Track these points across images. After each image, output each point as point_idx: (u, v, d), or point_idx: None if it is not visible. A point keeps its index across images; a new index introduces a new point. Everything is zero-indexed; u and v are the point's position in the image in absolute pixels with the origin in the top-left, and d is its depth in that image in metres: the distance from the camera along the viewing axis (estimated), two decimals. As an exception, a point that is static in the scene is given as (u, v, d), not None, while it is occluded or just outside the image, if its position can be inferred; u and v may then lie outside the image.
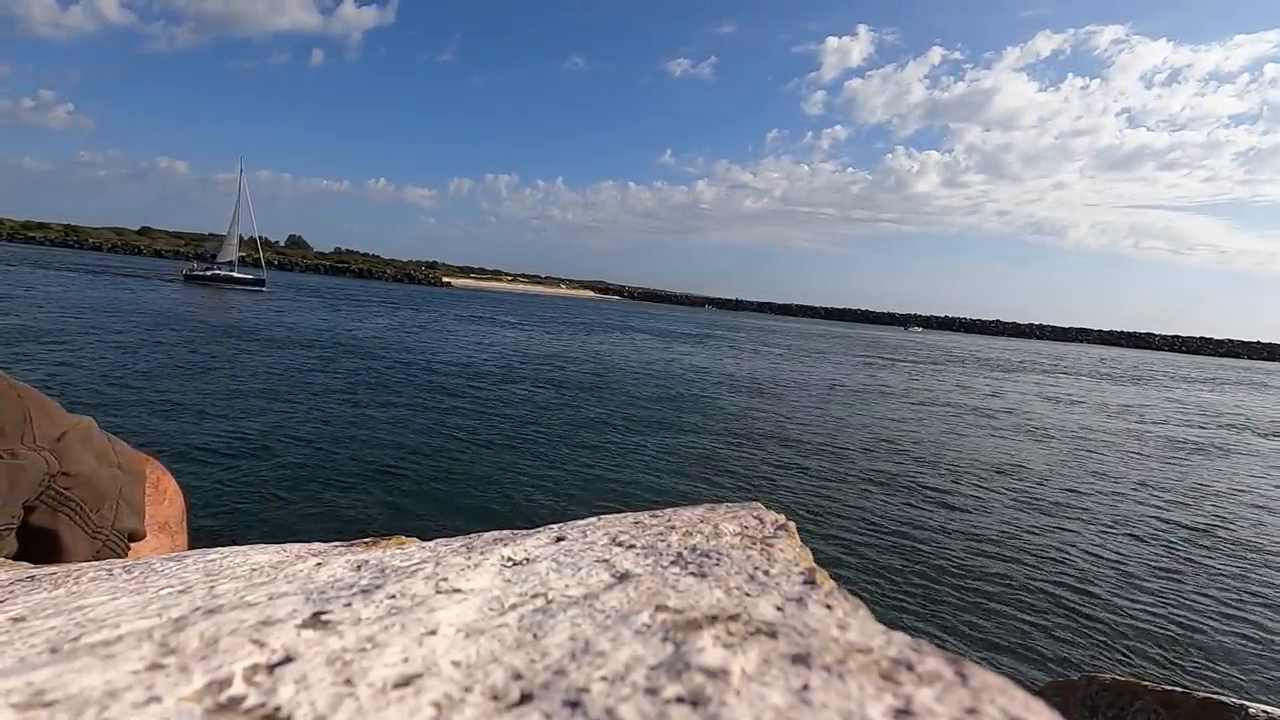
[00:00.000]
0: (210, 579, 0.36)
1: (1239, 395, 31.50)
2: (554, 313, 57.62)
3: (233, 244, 50.86)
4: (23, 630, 0.29)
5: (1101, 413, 19.52)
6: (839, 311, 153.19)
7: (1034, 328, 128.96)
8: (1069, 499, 9.09)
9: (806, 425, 12.90)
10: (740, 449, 10.36)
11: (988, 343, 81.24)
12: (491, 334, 28.78)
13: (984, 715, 0.19)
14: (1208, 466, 12.47)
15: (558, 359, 20.82)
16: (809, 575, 0.30)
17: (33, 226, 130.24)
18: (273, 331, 20.73)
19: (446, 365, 16.95)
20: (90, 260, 70.61)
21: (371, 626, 0.26)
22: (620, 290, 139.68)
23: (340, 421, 9.65)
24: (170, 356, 13.84)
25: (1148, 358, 77.72)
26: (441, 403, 11.82)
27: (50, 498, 0.62)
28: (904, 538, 6.87)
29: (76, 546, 0.63)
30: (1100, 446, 13.61)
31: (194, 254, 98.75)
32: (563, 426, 10.72)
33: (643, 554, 0.35)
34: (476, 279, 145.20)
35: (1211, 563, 6.98)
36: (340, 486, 6.93)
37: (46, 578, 0.41)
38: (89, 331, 16.14)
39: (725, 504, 0.43)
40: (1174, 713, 1.01)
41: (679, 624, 0.25)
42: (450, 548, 0.39)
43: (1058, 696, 1.20)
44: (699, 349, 30.82)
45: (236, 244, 51.13)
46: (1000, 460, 11.24)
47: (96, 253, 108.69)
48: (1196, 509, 9.17)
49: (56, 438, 0.64)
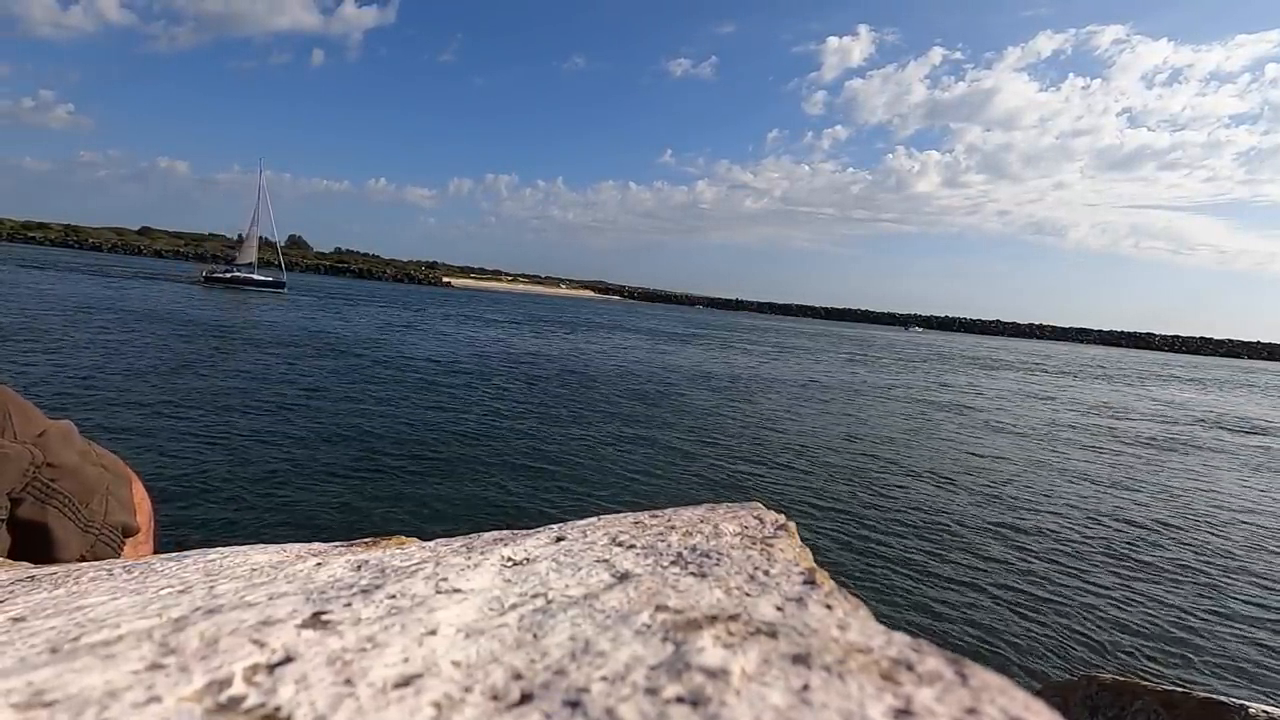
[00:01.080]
0: (210, 579, 0.36)
1: (1238, 395, 31.51)
2: (553, 313, 57.64)
3: (252, 245, 50.07)
4: (23, 630, 0.29)
5: (1102, 414, 19.52)
6: (839, 311, 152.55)
7: (1034, 328, 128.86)
8: (1069, 499, 9.09)
9: (797, 423, 12.91)
10: (737, 447, 10.37)
11: (987, 343, 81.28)
12: (490, 334, 28.78)
13: (984, 715, 0.19)
14: (1207, 468, 12.47)
15: (554, 358, 20.83)
16: (809, 575, 0.30)
17: (33, 226, 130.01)
18: (292, 334, 20.72)
19: (445, 365, 16.96)
20: (103, 262, 70.03)
21: (371, 626, 0.26)
22: (620, 290, 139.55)
23: (340, 422, 9.66)
24: (191, 360, 13.83)
25: (1146, 357, 77.75)
26: (441, 403, 11.83)
27: (37, 489, 0.61)
28: (903, 537, 6.87)
29: (69, 541, 0.62)
30: (1100, 448, 13.61)
31: (207, 255, 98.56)
32: (561, 426, 10.72)
33: (643, 554, 0.35)
34: (477, 279, 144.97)
35: (1212, 563, 6.98)
36: (340, 486, 6.93)
37: (46, 577, 0.41)
38: (109, 334, 16.07)
39: (725, 504, 0.43)
40: (1174, 713, 1.01)
41: (679, 624, 0.25)
42: (450, 548, 0.39)
43: (1058, 696, 1.20)
44: (688, 348, 30.84)
45: (256, 245, 50.40)
46: (999, 460, 11.24)
47: (98, 253, 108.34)
48: (1196, 510, 9.17)
49: (37, 435, 0.64)
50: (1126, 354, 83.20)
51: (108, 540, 0.67)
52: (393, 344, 20.69)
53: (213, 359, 14.22)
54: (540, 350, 23.28)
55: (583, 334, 34.17)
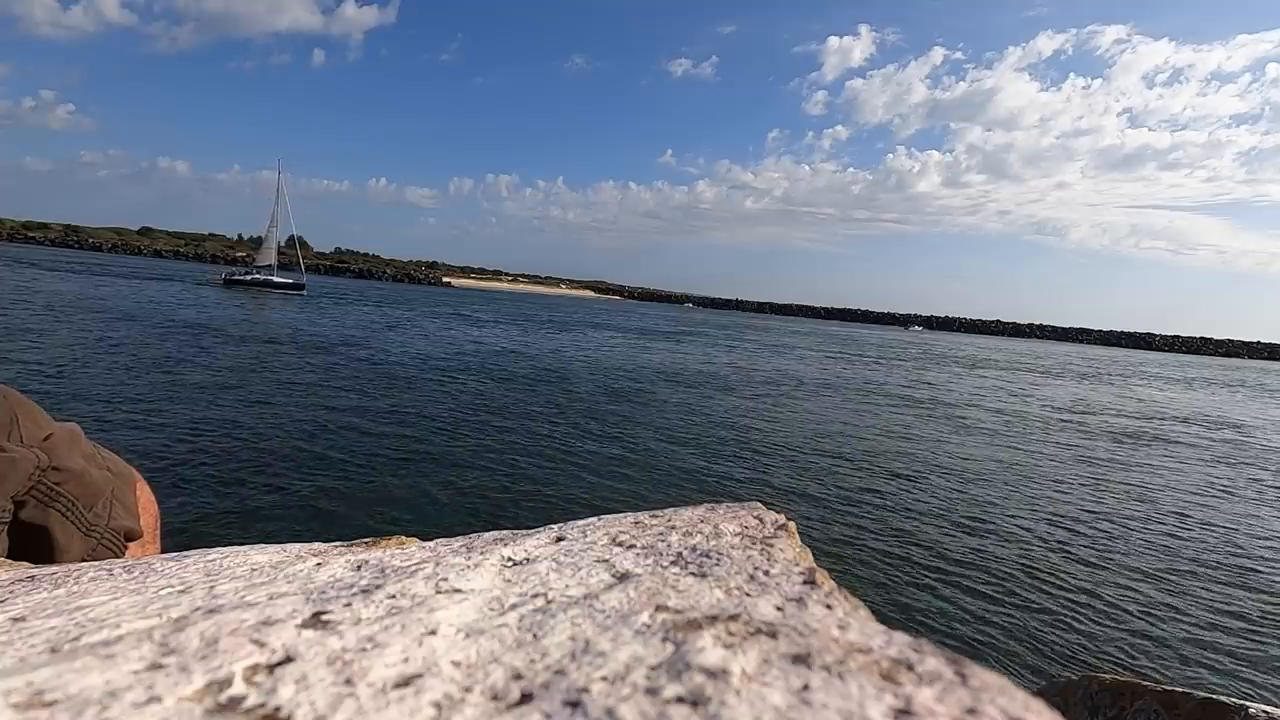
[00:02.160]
0: (210, 579, 0.36)
1: (1235, 397, 31.50)
2: (552, 313, 57.62)
3: (271, 247, 49.82)
4: (23, 630, 0.29)
5: (1104, 414, 19.52)
6: (839, 311, 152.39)
7: (1034, 328, 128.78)
8: (1068, 499, 9.09)
9: (796, 423, 12.91)
10: (736, 447, 10.37)
11: (989, 343, 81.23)
12: (490, 334, 28.79)
13: (984, 715, 0.19)
14: (1212, 470, 12.47)
15: (554, 358, 20.83)
16: (809, 575, 0.30)
17: (33, 226, 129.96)
18: (310, 335, 20.75)
19: (445, 365, 16.96)
20: (120, 265, 69.20)
21: (371, 626, 0.26)
22: (620, 290, 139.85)
23: (340, 421, 9.66)
24: (207, 363, 13.82)
25: (1148, 358, 77.69)
26: (441, 403, 11.83)
27: (41, 493, 0.61)
28: (904, 537, 6.87)
29: (70, 544, 0.62)
30: (1100, 448, 13.61)
31: (206, 255, 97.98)
32: (560, 426, 10.72)
33: (643, 554, 0.35)
34: (476, 279, 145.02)
35: (1212, 563, 6.98)
36: (341, 486, 6.93)
37: (47, 577, 0.41)
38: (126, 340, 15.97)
39: (725, 504, 0.43)
40: (1174, 713, 1.01)
41: (679, 624, 0.25)
42: (450, 548, 0.39)
43: (1058, 696, 1.20)
44: (689, 348, 30.86)
45: (275, 247, 50.13)
46: (999, 460, 11.24)
47: (98, 253, 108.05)
48: (1197, 510, 9.17)
49: (43, 438, 0.64)
50: (1130, 354, 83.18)
51: (110, 544, 0.67)
52: (396, 343, 20.71)
53: (228, 360, 14.20)
54: (540, 350, 23.29)
55: (583, 334, 34.19)
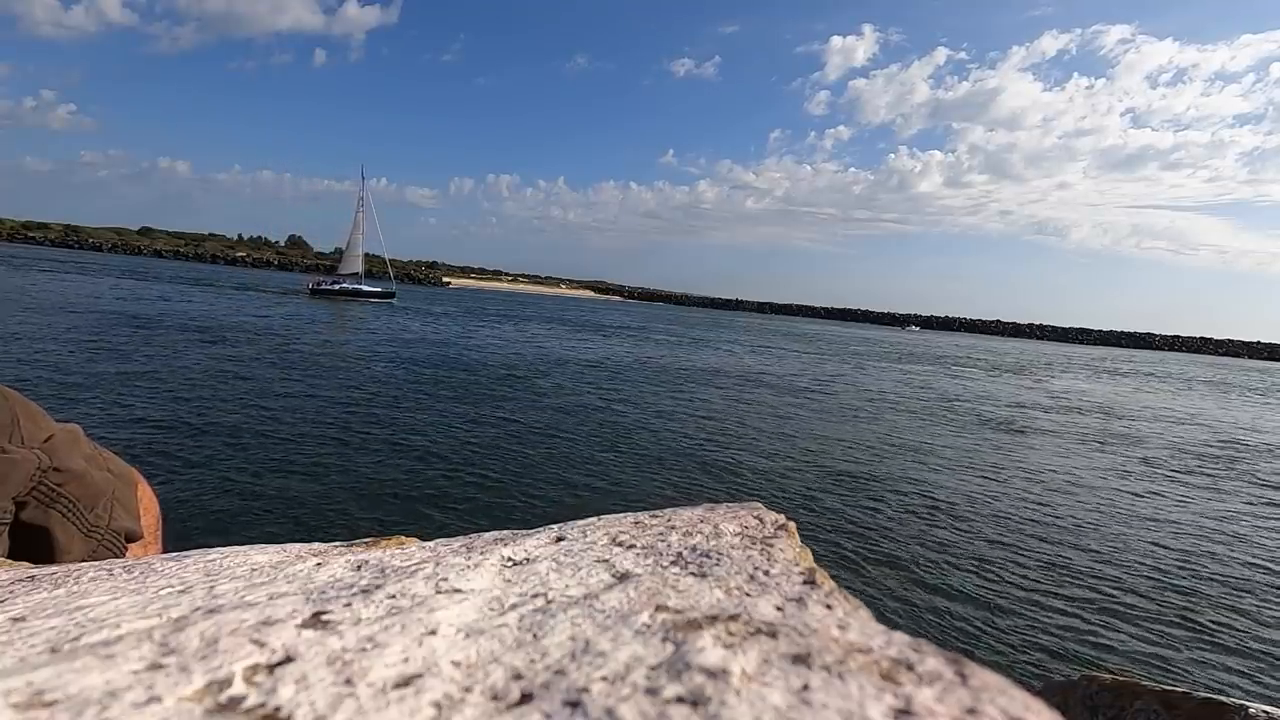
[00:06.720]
0: (210, 579, 0.36)
1: (1234, 397, 31.49)
2: (551, 313, 57.55)
3: (357, 255, 50.12)
4: (23, 630, 0.29)
5: (1107, 415, 19.52)
6: (839, 311, 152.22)
7: (1034, 328, 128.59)
8: (1067, 498, 9.09)
9: (794, 423, 12.91)
10: (737, 446, 10.37)
11: (987, 343, 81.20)
12: (490, 334, 28.78)
13: (984, 715, 0.19)
14: (1205, 469, 12.47)
15: (552, 358, 20.83)
16: (809, 575, 0.30)
17: (33, 226, 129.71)
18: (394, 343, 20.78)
19: (441, 363, 16.97)
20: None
21: (371, 626, 0.26)
22: (620, 290, 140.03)
23: (340, 421, 9.66)
24: (206, 362, 13.84)
25: (1150, 357, 77.68)
26: (440, 402, 11.83)
27: (42, 493, 0.61)
28: (903, 537, 6.87)
29: (71, 545, 0.62)
30: (1100, 449, 13.61)
31: (206, 255, 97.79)
32: (559, 426, 10.72)
33: (643, 554, 0.35)
34: (476, 279, 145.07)
35: (1212, 563, 6.98)
36: (341, 487, 6.93)
37: (47, 577, 0.41)
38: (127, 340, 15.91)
39: (725, 504, 0.43)
40: (1174, 713, 1.01)
41: (679, 624, 0.25)
42: (450, 548, 0.39)
43: (1058, 696, 1.20)
44: (690, 348, 30.86)
45: (361, 255, 50.41)
46: (999, 461, 11.24)
47: (98, 253, 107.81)
48: (1195, 510, 9.17)
49: (44, 440, 0.64)
50: (1133, 354, 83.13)
51: (110, 545, 0.67)
52: (395, 343, 20.73)
53: (231, 364, 14.21)
54: (539, 350, 23.29)
55: (582, 334, 34.18)
